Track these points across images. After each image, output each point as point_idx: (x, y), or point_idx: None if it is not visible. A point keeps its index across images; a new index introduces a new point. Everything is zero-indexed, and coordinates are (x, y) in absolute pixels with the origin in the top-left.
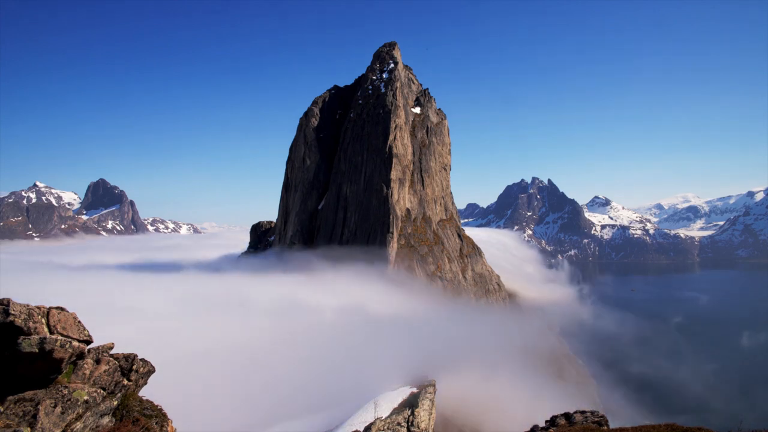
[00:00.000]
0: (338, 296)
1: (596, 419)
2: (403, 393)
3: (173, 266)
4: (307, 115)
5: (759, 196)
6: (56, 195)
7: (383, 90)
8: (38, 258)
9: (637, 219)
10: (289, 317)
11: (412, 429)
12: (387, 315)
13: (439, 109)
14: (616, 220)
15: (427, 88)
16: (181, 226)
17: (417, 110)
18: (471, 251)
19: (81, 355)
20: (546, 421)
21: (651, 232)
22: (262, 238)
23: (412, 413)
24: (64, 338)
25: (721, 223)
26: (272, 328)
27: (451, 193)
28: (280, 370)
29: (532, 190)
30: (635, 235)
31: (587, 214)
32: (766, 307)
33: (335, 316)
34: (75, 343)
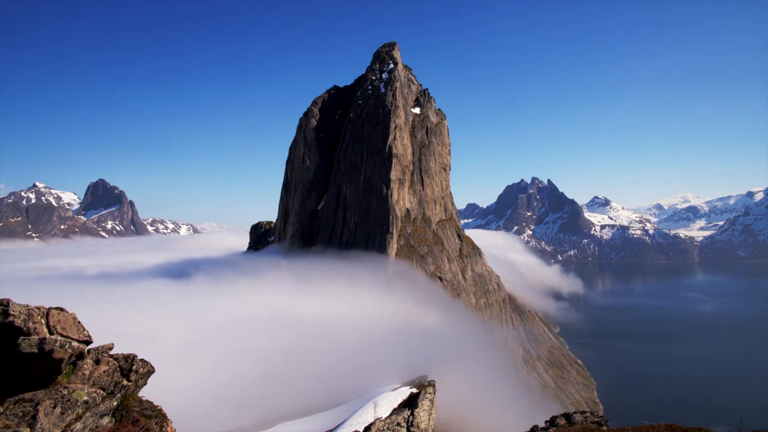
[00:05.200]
0: (338, 297)
1: (596, 419)
2: (402, 393)
3: (176, 272)
4: (307, 115)
5: (759, 196)
6: (56, 195)
7: (383, 90)
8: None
9: (637, 219)
10: (289, 318)
11: (411, 429)
12: (387, 316)
13: (439, 110)
14: (615, 220)
15: (427, 89)
16: (180, 227)
17: (417, 110)
18: (470, 251)
19: (81, 356)
20: (546, 421)
21: (651, 232)
22: (262, 238)
23: (412, 413)
24: (63, 338)
25: (721, 223)
26: (272, 330)
27: (450, 193)
28: (280, 371)
29: (531, 191)
30: (635, 236)
31: (587, 214)
32: (765, 307)
33: (335, 317)
34: (75, 344)
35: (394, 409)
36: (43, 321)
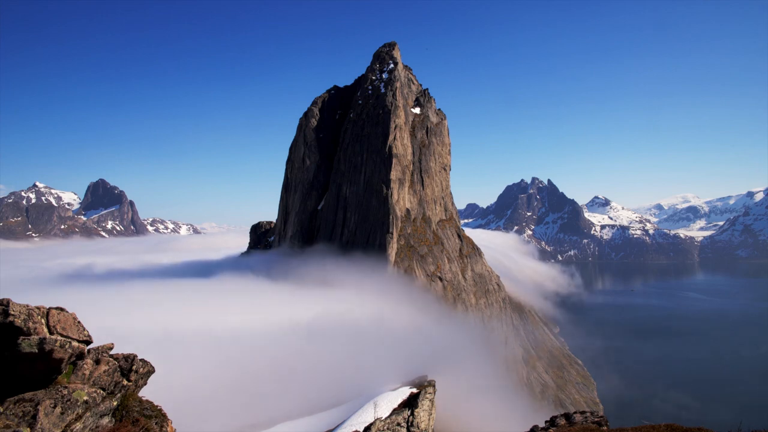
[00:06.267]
0: (338, 297)
1: (596, 419)
2: (402, 393)
3: (168, 269)
4: (307, 115)
5: (759, 197)
6: (56, 195)
7: (383, 90)
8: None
9: (637, 219)
10: (289, 318)
11: (411, 429)
12: (387, 315)
13: (439, 110)
14: (615, 221)
15: (427, 89)
16: (180, 227)
17: (417, 110)
18: (471, 251)
19: (81, 356)
20: (546, 422)
21: (651, 232)
22: (262, 238)
23: (412, 413)
24: (63, 338)
25: (721, 223)
26: (271, 330)
27: (450, 193)
28: (280, 371)
29: (531, 191)
30: (635, 236)
31: (587, 215)
32: (765, 307)
33: (334, 317)
34: (75, 344)
35: (394, 409)
36: (43, 321)
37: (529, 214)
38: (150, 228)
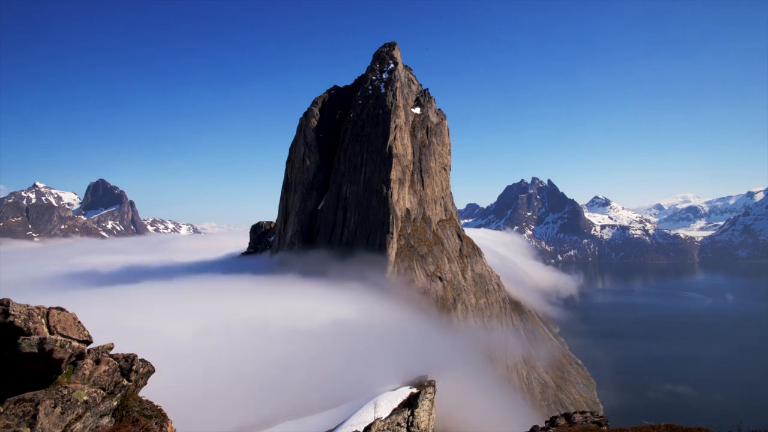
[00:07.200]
0: (338, 297)
1: (596, 419)
2: (402, 393)
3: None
4: (307, 115)
5: (759, 197)
6: (56, 195)
7: (383, 90)
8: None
9: (637, 219)
10: (289, 318)
11: (411, 429)
12: (387, 316)
13: (439, 110)
14: (615, 221)
15: (427, 89)
16: (180, 227)
17: (417, 110)
18: (471, 251)
19: (81, 356)
20: (546, 421)
21: (651, 232)
22: (262, 239)
23: (412, 413)
24: (63, 338)
25: (721, 223)
26: (272, 330)
27: (450, 193)
28: (280, 371)
29: (531, 191)
30: (635, 236)
31: (587, 215)
32: (765, 307)
33: (334, 318)
34: (75, 344)
35: (394, 409)
36: (43, 321)
37: (529, 214)
38: (150, 228)
